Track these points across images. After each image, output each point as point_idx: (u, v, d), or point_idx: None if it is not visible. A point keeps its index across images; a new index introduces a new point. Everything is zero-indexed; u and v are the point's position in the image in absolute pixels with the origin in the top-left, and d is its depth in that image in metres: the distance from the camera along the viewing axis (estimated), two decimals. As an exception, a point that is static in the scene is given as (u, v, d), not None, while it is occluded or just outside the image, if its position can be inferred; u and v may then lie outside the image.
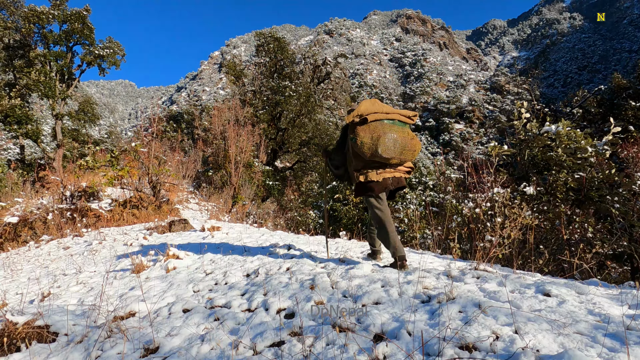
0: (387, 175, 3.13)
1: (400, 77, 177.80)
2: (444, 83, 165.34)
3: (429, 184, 10.99)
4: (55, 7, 27.25)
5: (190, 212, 11.13)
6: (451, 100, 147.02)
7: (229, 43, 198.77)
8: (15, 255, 6.51)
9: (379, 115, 3.01)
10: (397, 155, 2.98)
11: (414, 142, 3.06)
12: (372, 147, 2.92)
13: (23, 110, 26.02)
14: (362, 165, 3.12)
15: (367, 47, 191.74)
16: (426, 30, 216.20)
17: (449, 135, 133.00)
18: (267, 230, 6.55)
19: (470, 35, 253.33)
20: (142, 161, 8.42)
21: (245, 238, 5.17)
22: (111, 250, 5.24)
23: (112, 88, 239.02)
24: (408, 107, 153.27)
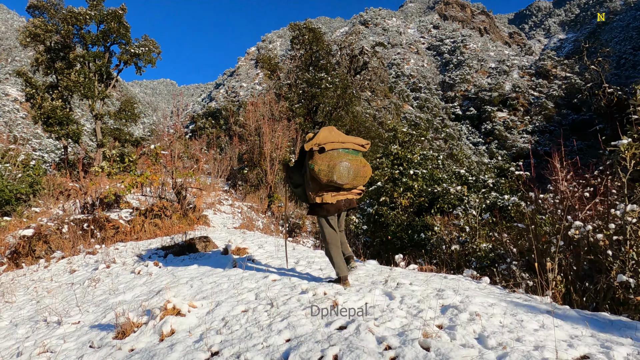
0: (341, 198, 3.39)
1: (439, 65, 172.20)
2: (485, 70, 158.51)
3: (489, 183, 9.51)
4: (93, 7, 27.28)
5: (221, 218, 10.23)
6: (493, 88, 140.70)
7: (264, 38, 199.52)
8: (22, 276, 5.76)
9: (335, 144, 3.27)
10: (351, 181, 3.26)
11: (365, 169, 3.35)
12: (329, 174, 3.18)
13: (64, 111, 26.28)
14: (319, 188, 3.34)
15: (403, 36, 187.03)
16: (465, 15, 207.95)
17: (491, 124, 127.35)
18: (304, 249, 5.45)
19: (513, 19, 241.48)
20: (165, 165, 7.57)
21: (275, 265, 4.09)
22: (114, 281, 4.30)
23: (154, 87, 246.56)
24: (447, 96, 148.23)
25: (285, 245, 3.85)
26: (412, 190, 8.81)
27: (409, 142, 9.88)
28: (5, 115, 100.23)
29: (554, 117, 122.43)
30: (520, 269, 4.39)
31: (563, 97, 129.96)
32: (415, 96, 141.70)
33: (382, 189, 9.29)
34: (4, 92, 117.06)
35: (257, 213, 13.60)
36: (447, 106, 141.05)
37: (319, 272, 3.78)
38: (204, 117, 53.37)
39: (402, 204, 8.74)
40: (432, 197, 9.01)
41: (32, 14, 27.03)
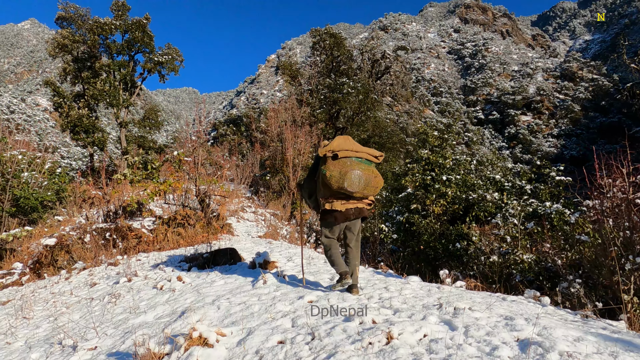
0: (350, 207, 3.42)
1: (460, 69, 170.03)
2: (508, 73, 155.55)
3: (527, 189, 8.92)
4: (118, 17, 27.75)
5: (245, 226, 9.93)
6: (516, 91, 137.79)
7: (284, 46, 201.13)
8: (42, 288, 5.56)
9: (348, 152, 3.35)
10: (361, 190, 3.31)
11: (377, 179, 3.41)
12: (339, 180, 3.25)
13: (90, 119, 26.72)
14: (329, 195, 3.41)
15: (423, 41, 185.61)
16: (487, 18, 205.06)
17: (515, 127, 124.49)
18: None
19: (536, 21, 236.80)
20: (188, 172, 7.33)
21: (308, 282, 3.72)
22: (135, 298, 4.00)
23: (177, 95, 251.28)
24: (469, 100, 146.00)
25: (302, 261, 3.69)
26: (446, 197, 8.32)
27: (439, 147, 9.40)
28: (36, 124, 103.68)
29: (580, 120, 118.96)
30: (584, 288, 3.89)
31: (590, 99, 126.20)
32: (436, 100, 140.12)
33: (413, 195, 8.82)
34: (35, 102, 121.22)
35: (280, 220, 13.28)
36: (469, 110, 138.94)
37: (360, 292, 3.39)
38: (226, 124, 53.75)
39: (435, 211, 8.25)
40: (466, 204, 8.50)
41: (60, 25, 27.66)
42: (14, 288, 6.29)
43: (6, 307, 4.83)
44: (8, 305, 4.91)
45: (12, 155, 11.37)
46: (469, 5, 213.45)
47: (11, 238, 7.06)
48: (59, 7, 27.19)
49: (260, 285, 3.63)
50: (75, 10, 27.41)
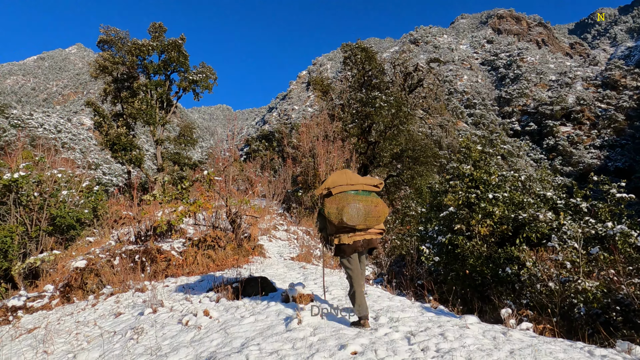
0: (358, 239, 3.40)
1: (494, 80, 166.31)
2: (545, 83, 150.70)
3: (582, 207, 8.10)
4: (155, 38, 28.61)
5: (277, 246, 9.56)
6: (555, 101, 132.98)
7: (315, 62, 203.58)
8: (69, 315, 5.34)
9: (343, 187, 3.37)
10: (362, 222, 3.30)
11: (377, 209, 3.38)
12: (338, 216, 3.27)
13: (128, 137, 27.46)
14: (335, 230, 3.44)
15: (455, 53, 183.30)
16: (521, 28, 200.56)
17: (553, 139, 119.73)
18: (378, 293, 4.55)
19: (573, 29, 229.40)
20: (218, 191, 7.06)
21: (349, 322, 3.26)
22: (158, 335, 3.65)
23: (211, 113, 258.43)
24: (504, 111, 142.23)
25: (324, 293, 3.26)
26: (493, 216, 7.65)
27: (484, 162, 8.75)
28: (80, 142, 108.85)
29: (625, 129, 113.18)
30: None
31: (635, 108, 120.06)
32: (469, 113, 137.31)
33: (456, 215, 8.18)
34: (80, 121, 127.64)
35: (312, 238, 12.87)
36: (504, 122, 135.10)
37: (405, 334, 2.89)
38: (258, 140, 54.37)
39: (481, 232, 7.59)
40: (516, 224, 7.79)
41: (102, 48, 28.77)
42: (43, 312, 6.13)
43: (30, 338, 4.62)
44: (32, 335, 4.69)
45: (52, 173, 11.58)
46: (502, 15, 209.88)
47: (38, 262, 6.97)
48: (101, 31, 28.36)
49: (295, 325, 3.19)
50: (116, 33, 28.51)
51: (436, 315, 3.51)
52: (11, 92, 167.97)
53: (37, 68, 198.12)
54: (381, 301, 4.09)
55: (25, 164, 10.34)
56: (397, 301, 4.09)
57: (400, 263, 14.70)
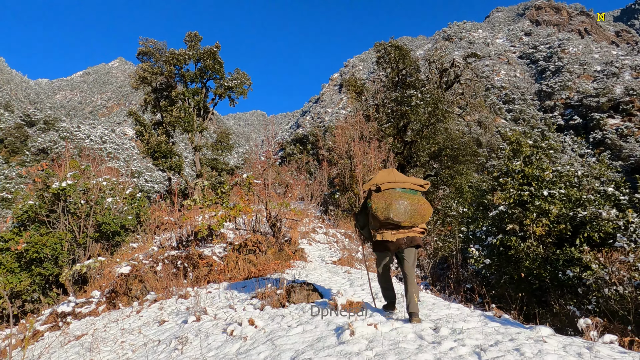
0: (401, 236, 3.47)
1: (534, 74, 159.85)
2: (590, 74, 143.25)
3: (650, 203, 7.38)
4: (191, 47, 29.27)
5: (317, 249, 9.35)
6: (601, 93, 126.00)
7: (347, 63, 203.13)
8: (114, 322, 5.34)
9: (392, 184, 3.46)
10: (408, 219, 3.38)
11: (423, 207, 3.45)
12: (385, 211, 3.37)
13: (167, 145, 28.19)
14: (379, 226, 3.50)
15: (491, 47, 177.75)
16: (561, 18, 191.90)
17: (600, 132, 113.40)
18: (434, 299, 4.22)
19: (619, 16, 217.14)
20: (258, 195, 6.93)
21: (405, 333, 2.97)
22: (203, 344, 3.50)
23: (246, 119, 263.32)
24: (546, 105, 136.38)
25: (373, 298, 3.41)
26: (549, 215, 7.10)
27: (535, 157, 8.18)
28: (124, 152, 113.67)
29: None
30: None
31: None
32: (508, 108, 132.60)
33: (507, 214, 7.67)
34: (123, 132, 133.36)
35: (352, 241, 12.60)
36: (546, 116, 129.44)
37: (474, 348, 2.57)
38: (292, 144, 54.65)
39: (537, 232, 7.05)
40: (575, 223, 7.19)
41: (141, 59, 29.72)
42: (90, 318, 6.20)
43: (77, 345, 4.62)
44: (79, 343, 4.69)
45: (97, 182, 11.93)
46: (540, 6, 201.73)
47: (85, 269, 7.09)
48: (140, 43, 29.32)
49: (348, 337, 2.94)
50: (154, 44, 29.39)
51: (502, 326, 3.15)
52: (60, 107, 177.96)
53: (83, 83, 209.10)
54: (438, 309, 3.76)
55: (72, 173, 10.68)
56: (455, 309, 3.75)
57: (442, 265, 14.16)
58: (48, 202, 10.57)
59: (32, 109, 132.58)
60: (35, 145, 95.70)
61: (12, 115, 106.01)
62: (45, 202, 10.56)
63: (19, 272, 9.36)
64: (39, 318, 6.86)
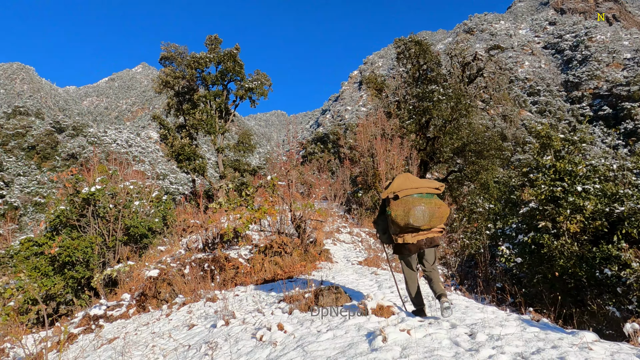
0: (421, 237, 3.64)
1: (559, 64, 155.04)
2: (619, 62, 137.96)
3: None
4: (211, 50, 29.60)
5: (342, 249, 9.28)
6: (631, 81, 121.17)
7: (366, 61, 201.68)
8: (145, 325, 5.40)
9: (409, 190, 3.58)
10: (427, 222, 3.53)
11: (440, 210, 3.59)
12: (405, 218, 3.51)
13: (191, 148, 28.62)
14: (399, 231, 3.65)
15: (514, 39, 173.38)
16: (587, 5, 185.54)
17: (632, 122, 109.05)
18: (466, 301, 4.09)
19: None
20: (282, 196, 6.92)
21: (439, 339, 2.86)
22: (233, 350, 3.48)
23: (267, 119, 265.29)
24: (573, 96, 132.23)
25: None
26: (583, 211, 6.82)
27: (566, 151, 7.87)
28: (149, 155, 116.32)
29: None
30: None
31: None
32: (533, 100, 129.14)
33: (538, 211, 7.41)
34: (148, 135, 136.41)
35: (377, 240, 12.47)
36: (574, 108, 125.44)
37: (514, 357, 2.45)
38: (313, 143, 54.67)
39: (571, 229, 6.79)
40: (612, 219, 6.89)
41: (163, 64, 30.24)
42: (121, 321, 6.31)
43: (110, 349, 4.69)
44: (112, 346, 4.77)
45: (124, 186, 12.17)
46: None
47: (115, 273, 7.23)
48: (162, 48, 29.84)
49: (380, 344, 2.86)
50: (175, 49, 29.86)
51: (542, 331, 3.01)
52: (88, 113, 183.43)
53: (108, 88, 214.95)
54: (472, 313, 3.63)
55: (100, 177, 10.92)
56: (490, 312, 3.61)
57: (469, 263, 13.85)
58: (78, 206, 10.84)
59: (61, 115, 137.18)
60: (65, 151, 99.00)
61: (42, 123, 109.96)
62: (76, 206, 10.83)
63: (52, 276, 9.62)
64: (72, 321, 7.03)
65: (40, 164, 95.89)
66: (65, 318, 7.90)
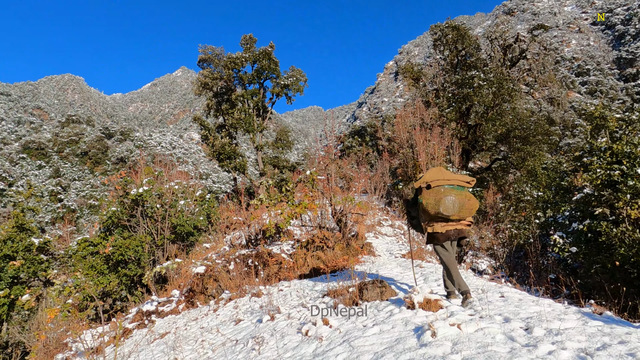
0: (450, 228, 3.80)
1: (610, 40, 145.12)
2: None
3: None
4: (247, 50, 30.02)
5: (384, 242, 9.15)
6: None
7: (401, 50, 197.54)
8: (194, 321, 5.56)
9: (441, 181, 3.75)
10: (456, 213, 3.69)
11: (470, 202, 3.73)
12: (435, 206, 3.68)
13: (231, 147, 29.24)
14: (429, 219, 3.84)
15: (559, 17, 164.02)
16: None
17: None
18: (519, 294, 3.89)
19: None
20: (322, 191, 6.89)
21: (494, 335, 2.72)
22: (279, 344, 3.49)
23: (304, 115, 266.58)
24: (626, 74, 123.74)
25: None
26: (646, 196, 6.32)
27: (624, 132, 7.33)
28: (192, 155, 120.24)
29: None
30: None
31: None
32: (582, 81, 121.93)
33: (594, 197, 6.95)
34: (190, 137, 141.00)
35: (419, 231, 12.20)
36: (628, 86, 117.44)
37: (577, 352, 2.28)
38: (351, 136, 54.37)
39: (632, 216, 6.31)
40: (679, 204, 6.34)
41: (201, 66, 31.01)
42: (172, 317, 6.53)
43: (162, 343, 4.86)
44: (163, 341, 4.94)
45: (170, 186, 12.61)
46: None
47: (164, 271, 7.48)
48: (200, 51, 30.60)
49: (429, 339, 2.76)
50: (212, 50, 30.53)
51: (606, 325, 2.79)
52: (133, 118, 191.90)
53: (151, 93, 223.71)
54: (525, 306, 3.44)
55: (147, 179, 11.37)
56: (546, 305, 3.40)
57: (518, 254, 13.30)
58: (128, 207, 11.34)
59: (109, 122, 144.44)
60: (115, 155, 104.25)
61: (93, 129, 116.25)
62: (126, 207, 11.33)
63: (107, 274, 10.13)
64: (127, 316, 7.36)
65: (92, 168, 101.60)
66: (121, 314, 8.28)
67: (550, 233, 9.71)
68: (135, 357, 4.65)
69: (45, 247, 9.33)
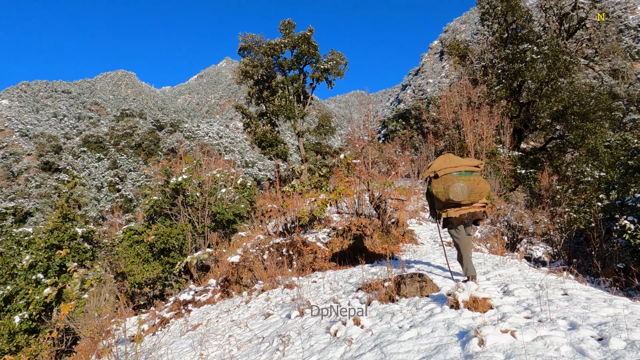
0: (463, 212, 3.96)
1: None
2: None
3: None
4: (286, 35, 29.76)
5: (429, 229, 8.57)
6: None
7: (446, 28, 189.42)
8: (225, 313, 5.39)
9: (448, 169, 3.90)
10: (466, 197, 3.85)
11: (479, 186, 3.88)
12: (445, 194, 3.88)
13: (273, 134, 29.33)
14: (443, 206, 4.03)
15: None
16: None
17: None
18: (586, 292, 3.31)
19: None
20: (358, 176, 6.47)
21: (555, 343, 2.23)
22: (305, 346, 3.17)
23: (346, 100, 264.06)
24: None
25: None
26: None
27: None
28: (238, 145, 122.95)
29: None
30: None
31: None
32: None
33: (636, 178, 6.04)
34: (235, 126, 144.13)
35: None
36: None
37: None
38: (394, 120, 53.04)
39: None
40: None
41: (242, 55, 31.12)
42: (207, 307, 6.44)
43: (193, 336, 4.71)
44: (195, 334, 4.80)
45: (211, 174, 12.65)
46: None
47: (195, 261, 7.41)
48: (240, 39, 30.68)
49: (476, 348, 2.31)
50: (252, 38, 30.50)
51: None
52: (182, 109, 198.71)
53: (198, 85, 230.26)
54: (595, 307, 2.85)
55: (187, 167, 11.43)
56: (622, 306, 2.79)
57: (577, 239, 12.28)
58: (169, 196, 11.48)
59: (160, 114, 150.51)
60: (166, 146, 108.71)
61: (145, 122, 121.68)
62: (167, 196, 11.48)
63: (152, 261, 10.33)
64: (166, 305, 7.37)
65: (146, 159, 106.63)
66: (161, 302, 8.38)
67: (616, 217, 8.73)
68: (165, 349, 4.53)
69: (89, 236, 9.60)
